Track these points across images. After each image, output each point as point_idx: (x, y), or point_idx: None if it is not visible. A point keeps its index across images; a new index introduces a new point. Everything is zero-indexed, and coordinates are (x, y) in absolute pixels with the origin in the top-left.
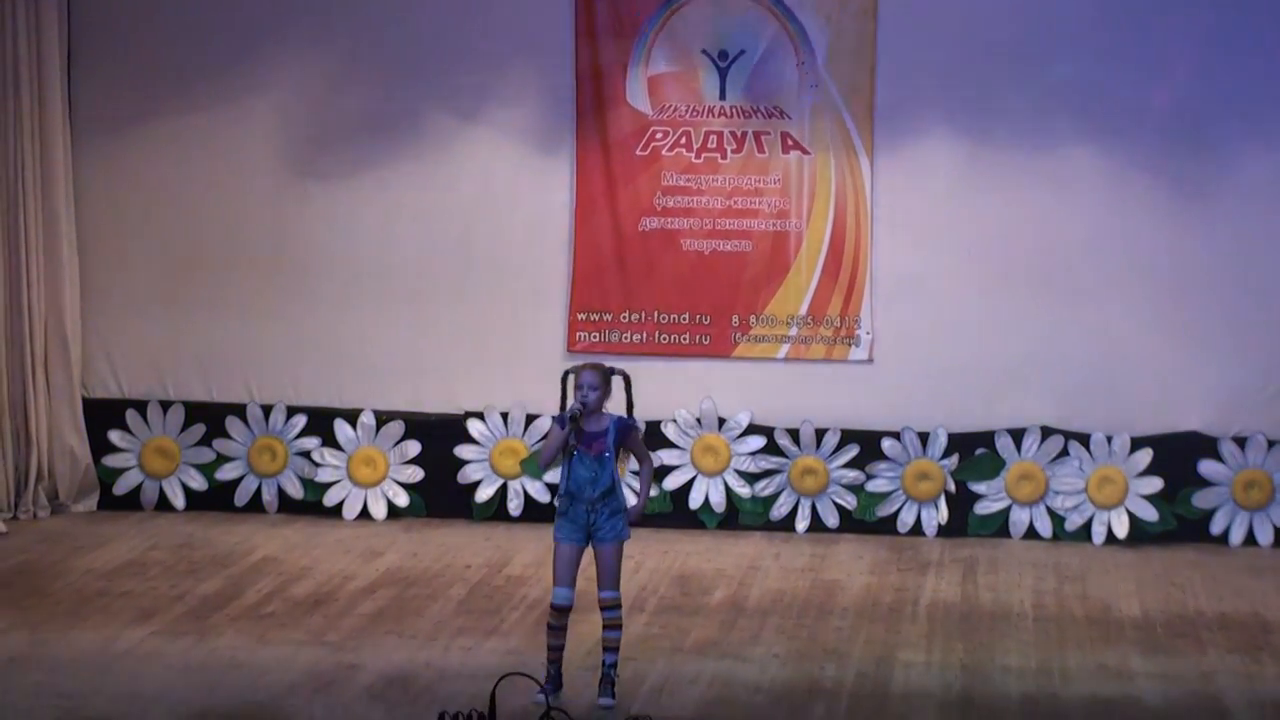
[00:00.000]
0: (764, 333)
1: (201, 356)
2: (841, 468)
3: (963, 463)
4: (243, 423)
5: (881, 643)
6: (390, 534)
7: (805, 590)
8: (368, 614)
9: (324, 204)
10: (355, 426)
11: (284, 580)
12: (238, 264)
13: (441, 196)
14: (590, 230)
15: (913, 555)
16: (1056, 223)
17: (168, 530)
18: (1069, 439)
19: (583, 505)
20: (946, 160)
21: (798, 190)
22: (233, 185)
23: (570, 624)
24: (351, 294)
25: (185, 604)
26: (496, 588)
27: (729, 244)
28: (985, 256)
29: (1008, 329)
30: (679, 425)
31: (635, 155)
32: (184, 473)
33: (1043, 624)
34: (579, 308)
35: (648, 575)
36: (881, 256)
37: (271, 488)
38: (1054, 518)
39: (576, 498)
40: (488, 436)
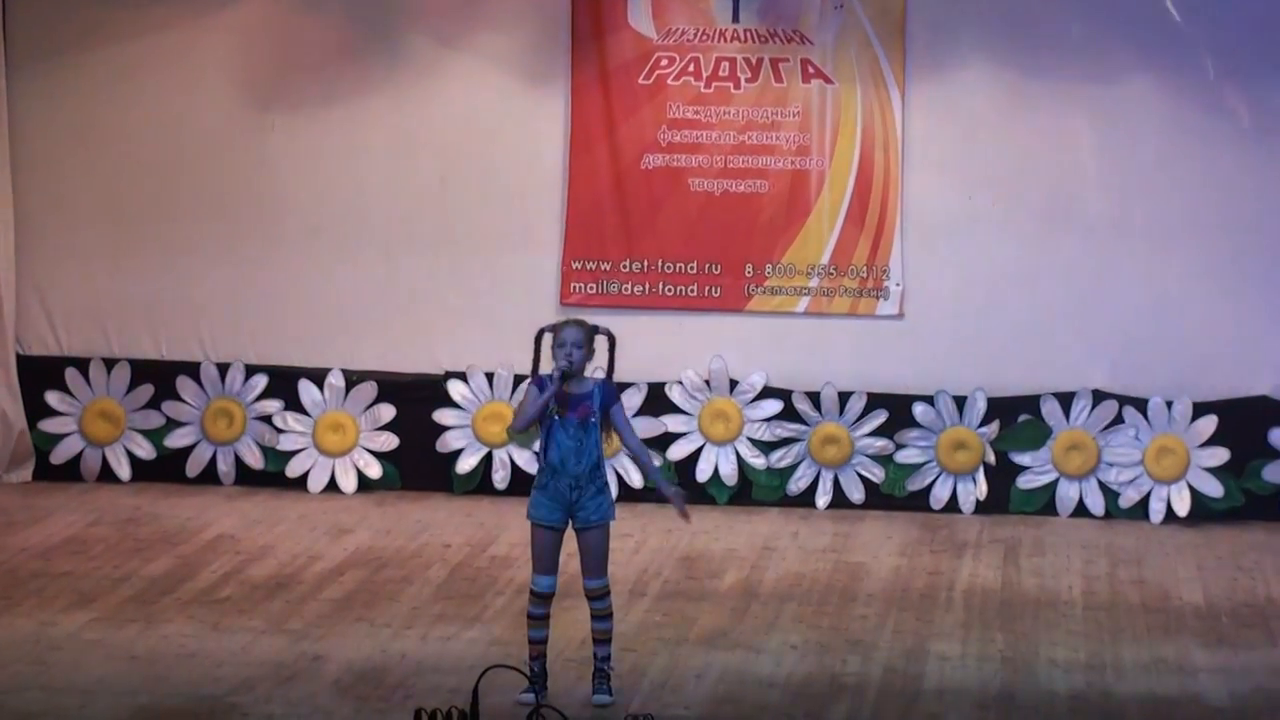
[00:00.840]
0: (781, 284)
1: (150, 308)
2: (868, 436)
3: (1004, 431)
4: (196, 383)
5: (912, 633)
6: (361, 509)
7: (826, 574)
8: (335, 599)
9: (287, 140)
10: (322, 388)
11: (241, 561)
12: (191, 206)
13: (419, 131)
14: (586, 169)
15: (947, 535)
16: (1110, 162)
17: (111, 504)
18: (1124, 404)
19: (566, 480)
20: (987, 91)
21: (819, 124)
22: (185, 119)
23: (560, 610)
24: (318, 240)
25: (131, 587)
26: (480, 569)
27: (742, 184)
28: (1029, 199)
29: (1055, 280)
30: (685, 388)
31: (637, 84)
32: (130, 439)
33: (1093, 613)
34: (573, 256)
35: (649, 556)
36: (913, 199)
37: (228, 456)
38: (1106, 493)
39: (559, 471)
40: (470, 400)
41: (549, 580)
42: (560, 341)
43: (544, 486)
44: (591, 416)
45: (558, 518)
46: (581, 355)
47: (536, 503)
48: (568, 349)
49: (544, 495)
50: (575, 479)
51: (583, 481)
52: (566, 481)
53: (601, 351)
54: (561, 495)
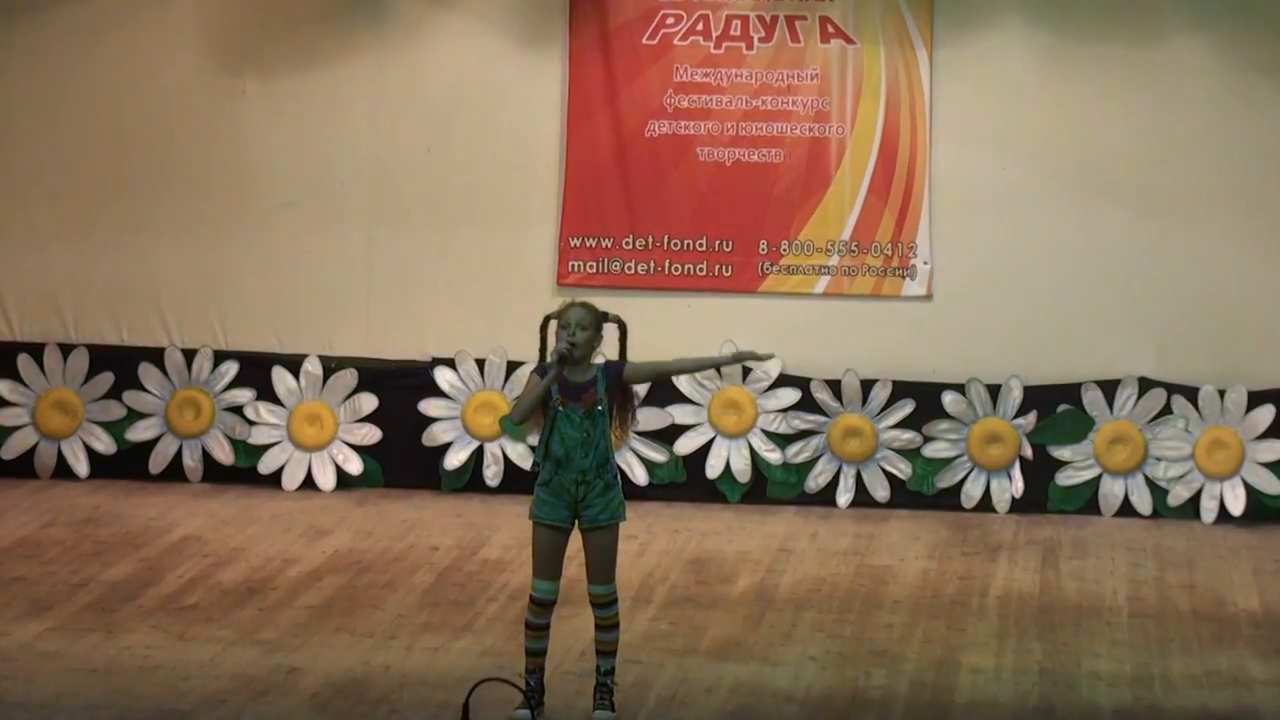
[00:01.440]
0: (798, 262)
1: (110, 290)
2: (893, 428)
3: (1041, 422)
4: (160, 371)
5: (942, 643)
6: (340, 508)
7: (848, 579)
8: (312, 606)
9: (261, 107)
10: (298, 376)
11: (210, 565)
12: (155, 178)
13: (404, 96)
14: (586, 138)
15: (980, 536)
16: (1156, 129)
17: (68, 503)
18: (1172, 393)
19: (571, 475)
20: (1022, 52)
21: (840, 88)
22: (149, 84)
23: (558, 618)
24: (294, 215)
25: (89, 594)
26: (470, 574)
27: (755, 153)
28: (1068, 169)
29: (1097, 257)
30: (694, 376)
31: (641, 45)
32: (88, 432)
33: (1140, 621)
34: (571, 232)
35: (655, 559)
36: (942, 170)
37: (195, 451)
38: (1154, 490)
39: (564, 465)
40: (460, 389)
41: (550, 586)
42: (564, 323)
43: (547, 482)
44: (598, 404)
45: (562, 516)
46: (586, 338)
47: (538, 500)
48: (571, 330)
49: (547, 492)
50: (581, 473)
51: (590, 476)
52: (572, 476)
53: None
54: (566, 492)
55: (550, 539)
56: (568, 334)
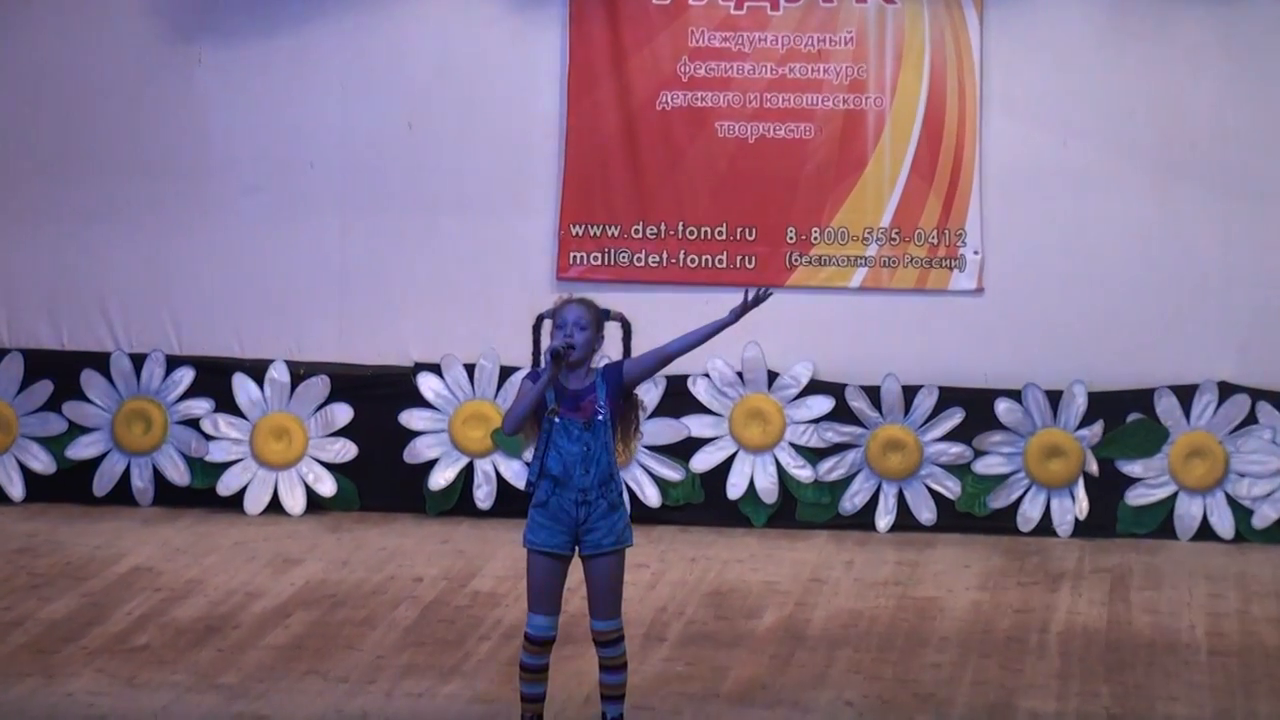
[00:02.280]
0: (831, 253)
1: (48, 287)
2: (940, 441)
3: (1109, 433)
4: (105, 379)
5: (997, 685)
6: (311, 534)
7: (889, 612)
8: (279, 646)
9: (220, 80)
10: (262, 384)
11: (163, 599)
12: (99, 161)
13: (383, 66)
14: (589, 111)
15: (1039, 563)
16: (1237, 100)
17: (0, 530)
18: (1257, 400)
19: (571, 494)
20: (1084, 12)
21: (878, 53)
22: (92, 52)
23: (558, 659)
24: (257, 202)
25: (26, 632)
26: (459, 609)
27: (782, 128)
28: (1140, 146)
29: (1170, 247)
30: (714, 383)
31: (651, 5)
32: (23, 449)
33: (1221, 659)
34: (572, 219)
35: (670, 591)
36: (995, 146)
37: (145, 470)
38: (1237, 510)
39: (562, 484)
40: (446, 398)
41: (548, 622)
42: (560, 322)
43: (543, 504)
44: (599, 413)
45: (561, 541)
46: (586, 338)
47: (532, 525)
48: (568, 329)
49: (544, 514)
50: (582, 492)
51: (591, 496)
52: (572, 496)
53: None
54: (566, 513)
55: (548, 568)
56: (564, 334)
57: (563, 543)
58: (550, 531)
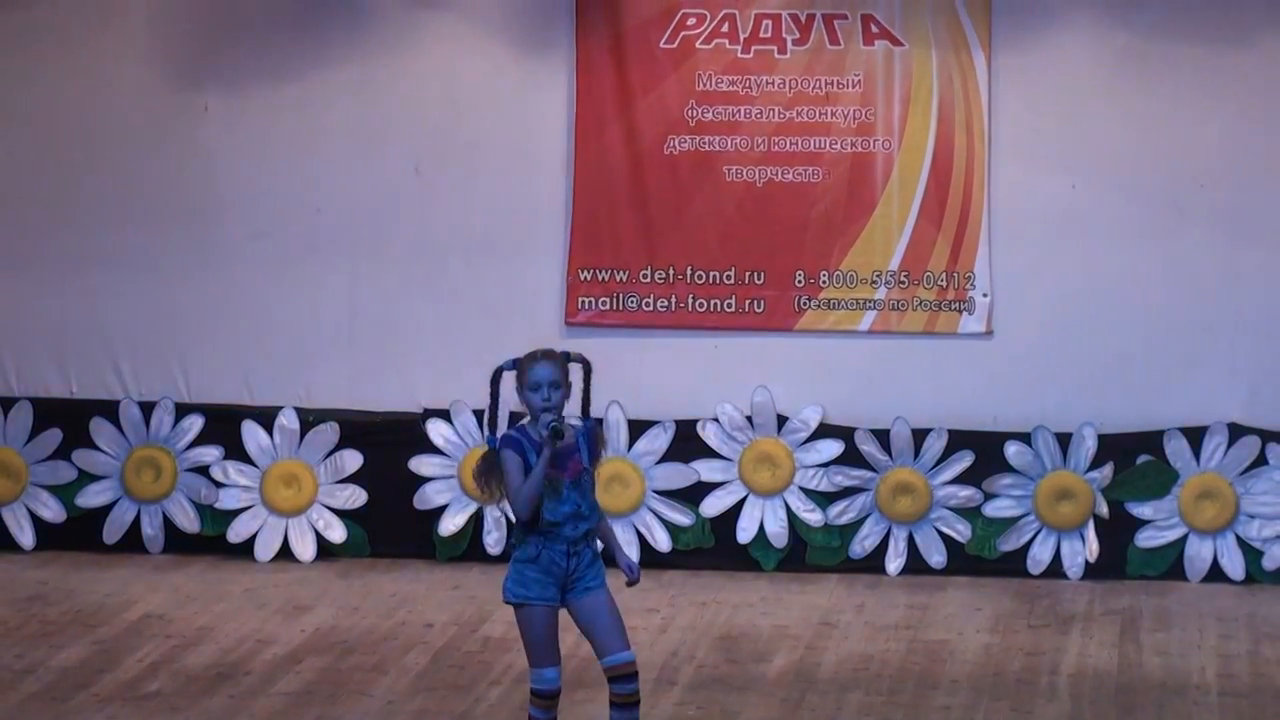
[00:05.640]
0: (840, 296)
1: (56, 335)
2: (950, 484)
3: (1119, 476)
4: (114, 427)
5: None
6: (321, 581)
7: (900, 656)
8: (291, 693)
9: (225, 124)
10: (271, 431)
11: (174, 647)
12: (106, 209)
13: (389, 112)
14: (596, 156)
15: (1050, 605)
16: (1244, 142)
17: (11, 578)
18: (1268, 441)
19: (561, 546)
20: (1092, 56)
21: (886, 96)
22: (100, 99)
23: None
24: (265, 248)
25: (38, 680)
26: (470, 654)
27: (790, 172)
28: (1148, 189)
29: (1180, 289)
30: (723, 426)
31: (658, 50)
32: (33, 497)
33: (1232, 700)
34: (580, 263)
35: (680, 636)
36: (1003, 189)
37: (155, 518)
38: (1247, 551)
39: (552, 538)
40: (455, 444)
41: (555, 673)
42: (533, 384)
43: (533, 558)
44: (584, 474)
45: (553, 594)
46: (561, 395)
47: (523, 579)
48: (544, 393)
49: (532, 569)
50: (571, 544)
51: (579, 548)
52: (561, 548)
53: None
54: (557, 565)
55: (546, 620)
56: (541, 398)
57: (554, 594)
58: (542, 585)
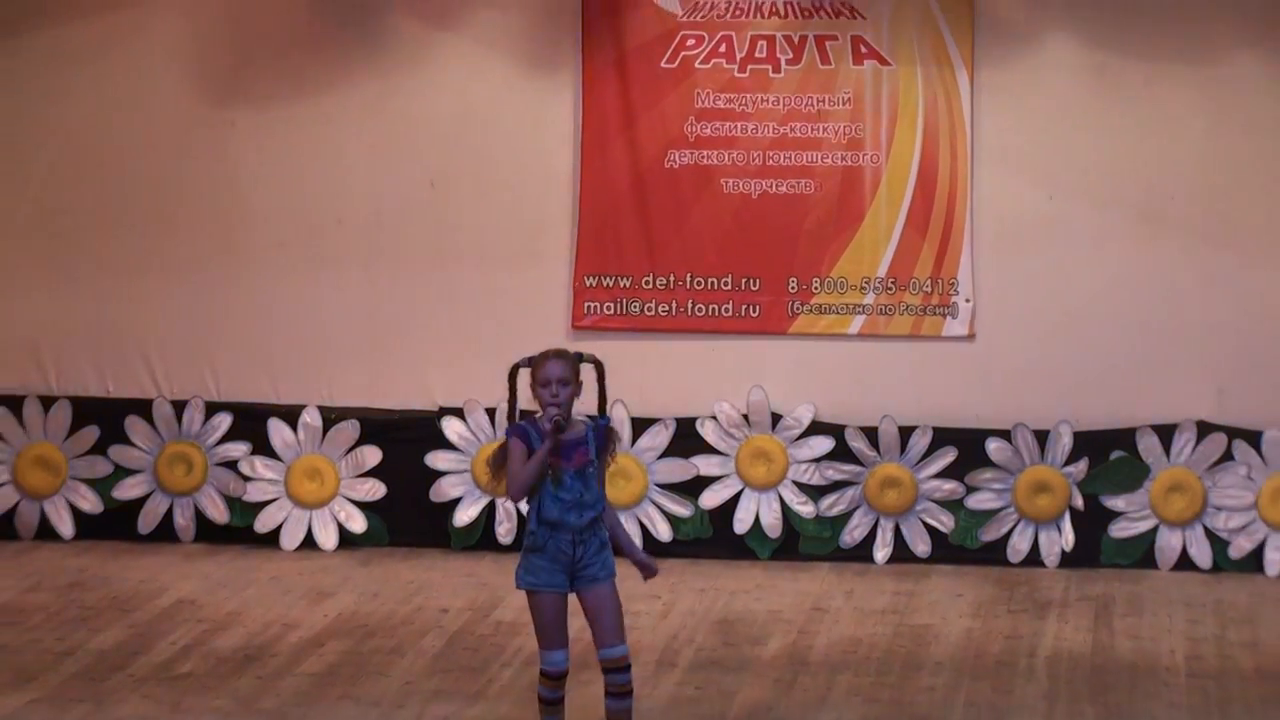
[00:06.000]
0: (831, 301)
1: (93, 338)
2: (934, 478)
3: (1093, 470)
4: (148, 425)
5: (988, 706)
6: (343, 568)
7: (887, 639)
8: (314, 673)
9: (252, 139)
10: (295, 428)
11: (204, 630)
12: (140, 218)
13: (405, 128)
14: (601, 169)
15: (1028, 592)
16: (1213, 155)
17: (52, 565)
18: (1234, 438)
19: (566, 535)
20: (1070, 73)
21: (874, 113)
22: (133, 115)
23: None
24: (289, 255)
25: (76, 662)
26: (483, 637)
27: (784, 184)
28: (1121, 199)
29: (1151, 294)
30: (720, 424)
31: (659, 69)
32: (72, 490)
33: (1199, 681)
34: (586, 271)
35: (680, 620)
36: (985, 200)
37: (186, 509)
38: (1214, 542)
39: (558, 527)
40: (469, 440)
41: (563, 655)
42: (543, 380)
43: (541, 548)
44: (590, 466)
45: (560, 580)
46: (569, 394)
47: (532, 567)
48: (553, 389)
49: (541, 558)
50: (577, 533)
51: (585, 536)
52: (567, 537)
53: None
54: (563, 553)
55: (554, 605)
56: (549, 394)
57: (562, 581)
58: (550, 572)
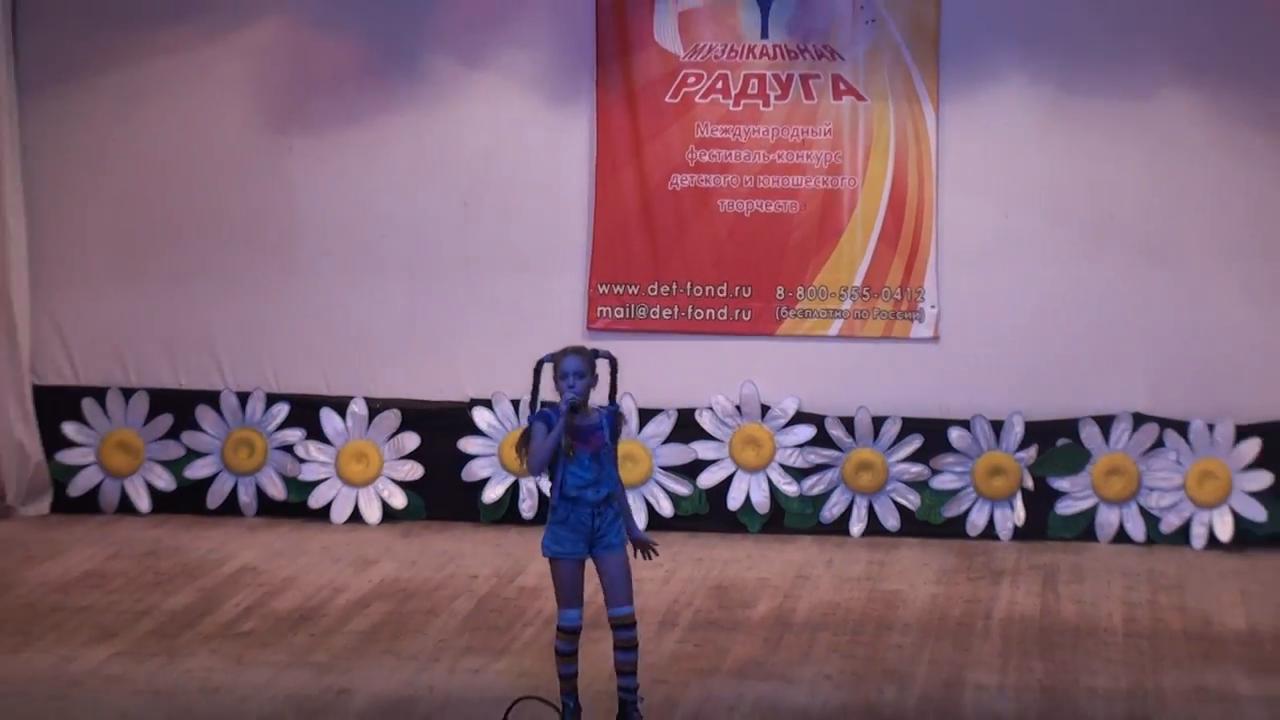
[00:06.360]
0: (813, 307)
1: (167, 337)
2: (902, 462)
3: (1042, 455)
4: (215, 413)
5: (949, 662)
6: (385, 540)
7: (861, 602)
8: (360, 631)
9: (306, 162)
10: (345, 416)
11: (264, 593)
12: (208, 232)
13: (442, 153)
14: (613, 190)
15: (985, 562)
16: (1150, 180)
17: (131, 536)
18: (1165, 427)
19: (586, 509)
20: (1024, 107)
21: (851, 142)
22: (201, 142)
23: (586, 642)
24: (338, 265)
25: (152, 620)
26: (507, 600)
27: (772, 204)
28: (1068, 219)
29: (1094, 301)
30: (716, 414)
31: (664, 103)
32: (149, 470)
33: (1134, 640)
34: (600, 279)
35: (680, 586)
36: (948, 218)
37: (249, 487)
38: (1147, 518)
39: (578, 502)
40: (496, 428)
41: (577, 613)
42: (561, 373)
43: (563, 520)
44: (604, 448)
45: (580, 548)
46: (585, 384)
47: (557, 537)
48: (570, 380)
49: (564, 529)
50: (594, 506)
51: (602, 508)
52: (587, 510)
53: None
54: (583, 524)
55: (573, 570)
56: (568, 385)
57: (581, 548)
58: (571, 541)
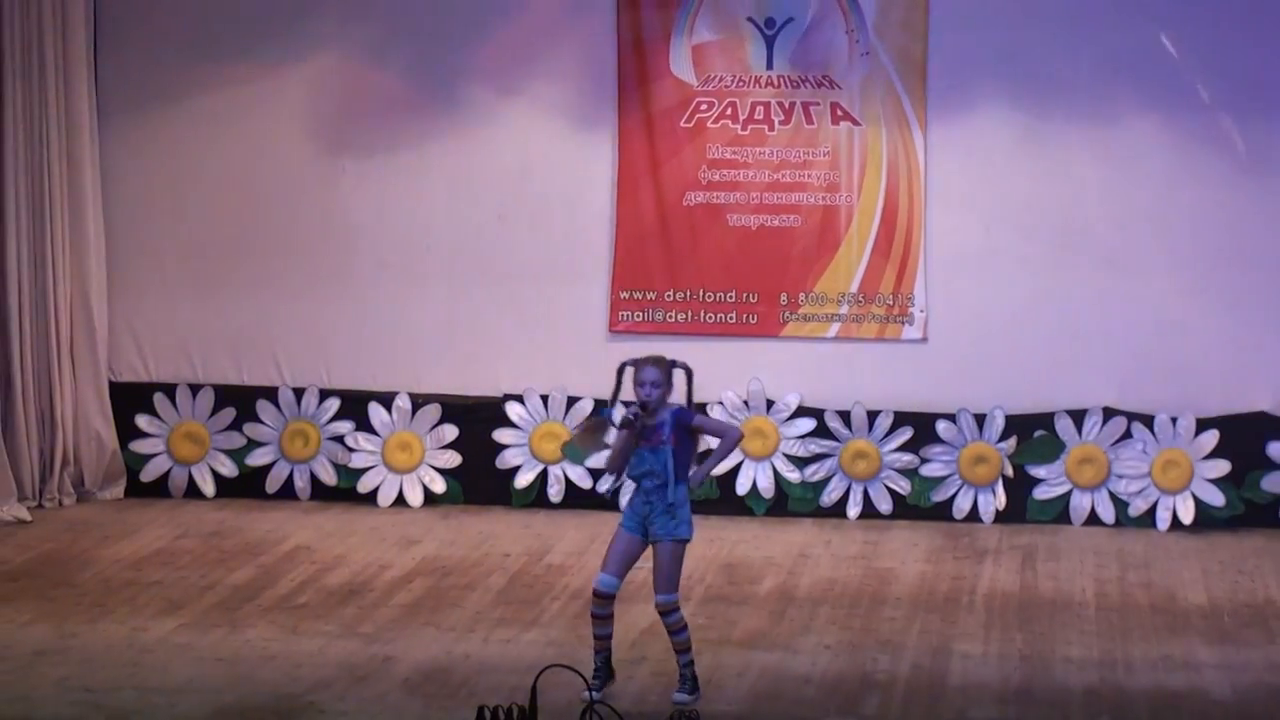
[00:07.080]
0: (813, 311)
1: (231, 338)
2: (895, 451)
3: (1021, 445)
4: (274, 406)
5: (937, 633)
6: (426, 521)
7: (857, 579)
8: (403, 605)
9: (357, 181)
10: (390, 410)
11: (317, 570)
12: (268, 243)
13: (479, 172)
14: (633, 206)
15: (969, 542)
16: (1117, 197)
17: (197, 518)
18: (1132, 420)
19: (641, 496)
20: (1002, 131)
21: (848, 163)
22: (263, 163)
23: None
24: (386, 273)
25: (215, 594)
26: (537, 577)
27: (777, 219)
28: (1043, 232)
29: (1067, 306)
30: (726, 408)
31: (679, 127)
32: (214, 458)
33: (1105, 613)
34: (621, 286)
35: (694, 564)
36: (935, 231)
37: (304, 474)
38: (1116, 503)
39: (638, 487)
40: (527, 420)
41: (608, 578)
42: (639, 380)
43: (629, 501)
44: (663, 443)
45: (635, 525)
46: (659, 394)
47: (626, 511)
48: (645, 389)
49: (629, 508)
50: (646, 494)
51: (653, 498)
52: (641, 497)
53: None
54: (638, 509)
55: (624, 541)
56: (644, 391)
57: (636, 526)
58: (630, 518)
